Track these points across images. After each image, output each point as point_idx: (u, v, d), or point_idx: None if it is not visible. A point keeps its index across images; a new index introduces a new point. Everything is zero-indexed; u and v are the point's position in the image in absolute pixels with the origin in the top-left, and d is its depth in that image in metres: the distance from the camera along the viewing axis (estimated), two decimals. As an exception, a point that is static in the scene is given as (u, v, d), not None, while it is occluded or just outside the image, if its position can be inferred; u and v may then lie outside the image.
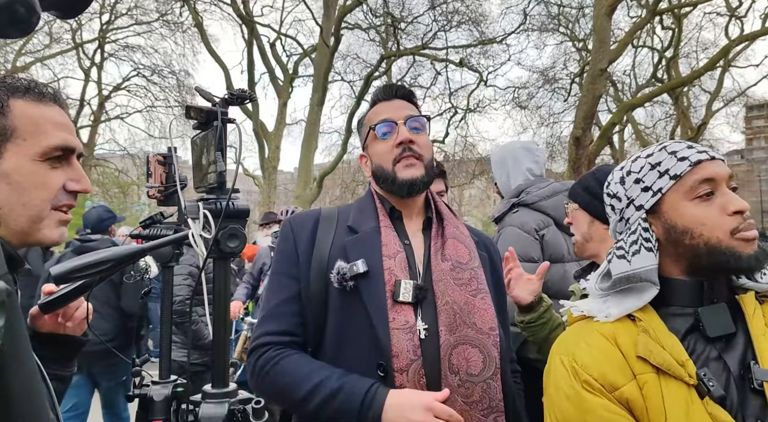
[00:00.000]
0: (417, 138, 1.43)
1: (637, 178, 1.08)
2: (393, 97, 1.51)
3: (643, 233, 1.05)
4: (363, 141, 1.53)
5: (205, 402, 1.02)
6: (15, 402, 0.51)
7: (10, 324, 0.47)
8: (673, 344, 0.98)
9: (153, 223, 1.67)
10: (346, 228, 1.41)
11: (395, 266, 1.33)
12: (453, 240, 1.42)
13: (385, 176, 1.42)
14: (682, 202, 1.02)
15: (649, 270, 1.02)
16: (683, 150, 1.05)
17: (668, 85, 16.63)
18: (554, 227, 2.38)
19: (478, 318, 1.31)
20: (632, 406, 0.96)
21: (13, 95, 0.88)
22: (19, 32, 0.45)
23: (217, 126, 1.03)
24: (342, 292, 1.31)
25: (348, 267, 1.31)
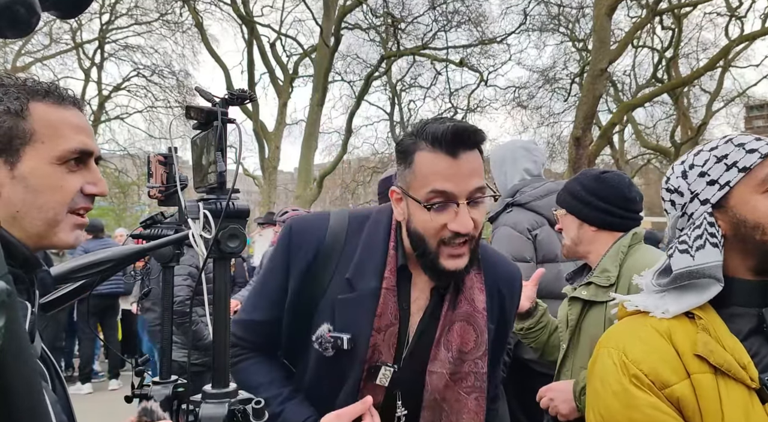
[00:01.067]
0: (476, 217, 1.16)
1: (701, 171, 1.03)
2: (462, 148, 1.14)
3: (709, 228, 1.00)
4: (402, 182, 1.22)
5: (205, 402, 1.02)
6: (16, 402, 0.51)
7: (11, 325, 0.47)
8: (734, 345, 0.94)
9: (154, 223, 1.67)
10: (344, 279, 1.23)
11: (382, 343, 1.21)
12: (462, 325, 1.24)
13: (424, 252, 1.19)
14: (753, 196, 0.97)
15: (714, 266, 0.97)
16: (752, 142, 1.00)
17: (668, 85, 16.64)
18: (548, 227, 2.38)
19: (467, 420, 1.23)
20: (682, 405, 0.93)
21: (33, 98, 0.89)
22: (19, 32, 0.45)
23: (217, 126, 1.03)
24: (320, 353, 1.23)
25: (332, 341, 1.20)
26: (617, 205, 1.77)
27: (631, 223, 1.78)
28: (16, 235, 0.85)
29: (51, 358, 0.92)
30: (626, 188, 1.78)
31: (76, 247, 0.97)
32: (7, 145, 0.85)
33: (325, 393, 1.24)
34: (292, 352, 1.32)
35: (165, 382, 1.57)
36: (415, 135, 1.20)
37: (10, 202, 0.85)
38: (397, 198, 1.25)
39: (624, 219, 1.77)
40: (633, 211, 1.79)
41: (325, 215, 1.34)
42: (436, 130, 1.15)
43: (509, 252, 2.35)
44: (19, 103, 0.87)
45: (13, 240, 0.84)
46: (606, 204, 1.76)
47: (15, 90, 0.88)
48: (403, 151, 1.22)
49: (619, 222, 1.77)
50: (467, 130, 1.15)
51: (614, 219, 1.77)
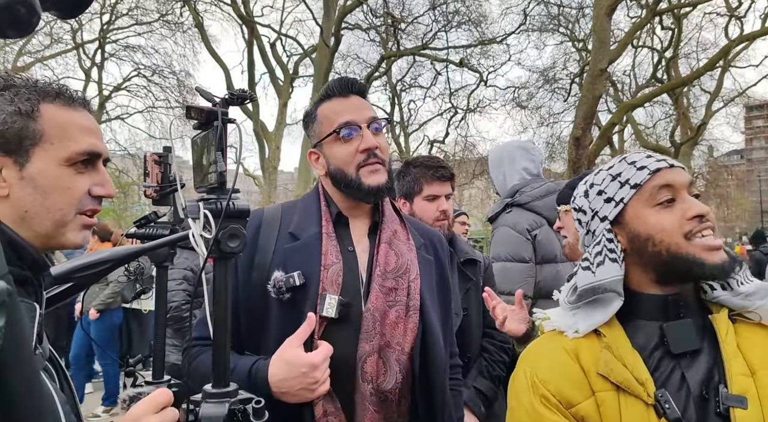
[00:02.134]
0: (379, 141, 1.39)
1: (599, 189, 1.10)
2: (349, 92, 1.44)
3: (608, 244, 1.06)
4: (315, 137, 1.46)
5: (205, 402, 1.02)
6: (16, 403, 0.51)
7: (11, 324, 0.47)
8: (635, 362, 0.97)
9: (147, 222, 1.67)
10: (287, 234, 1.38)
11: (327, 278, 1.32)
12: (385, 246, 1.40)
13: (348, 181, 1.38)
14: (643, 210, 1.03)
15: (614, 281, 1.02)
16: (642, 160, 1.07)
17: (668, 85, 16.64)
18: (547, 227, 2.38)
19: (388, 331, 1.32)
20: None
21: (43, 99, 0.89)
22: (20, 32, 0.45)
23: (218, 126, 1.03)
24: (279, 302, 1.31)
25: (285, 278, 1.30)
26: None
27: None
28: (25, 236, 0.86)
29: (58, 359, 0.92)
30: None
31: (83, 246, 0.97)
32: (17, 146, 0.86)
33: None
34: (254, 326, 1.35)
35: (158, 382, 1.57)
36: (314, 103, 1.48)
37: (19, 203, 0.86)
38: (314, 158, 1.47)
39: None
40: None
41: (260, 208, 1.51)
42: (327, 85, 1.46)
43: (508, 252, 2.35)
44: (30, 104, 0.87)
45: (21, 242, 0.84)
46: None
47: (26, 91, 0.88)
48: (307, 115, 1.49)
49: None
50: (350, 78, 1.47)
51: None
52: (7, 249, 0.82)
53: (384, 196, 1.42)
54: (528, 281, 2.32)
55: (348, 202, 1.43)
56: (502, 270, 2.34)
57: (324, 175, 1.44)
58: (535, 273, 2.35)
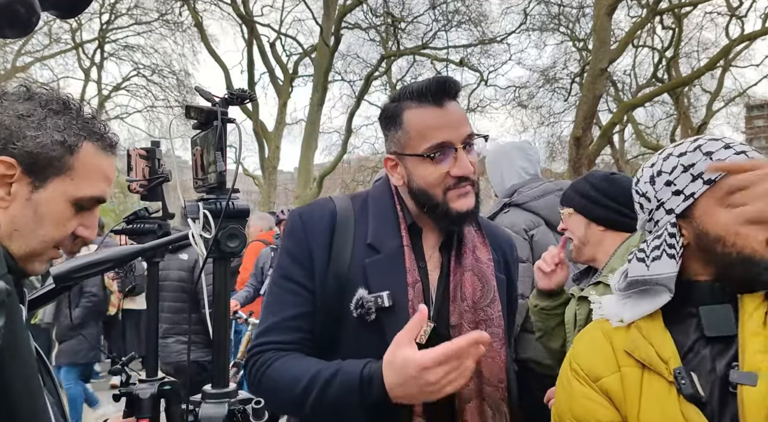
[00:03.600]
0: (473, 161, 1.23)
1: (668, 179, 1.02)
2: (445, 98, 1.23)
3: (668, 239, 1.00)
4: (396, 145, 1.27)
5: (205, 402, 1.02)
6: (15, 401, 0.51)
7: (11, 325, 0.47)
8: (663, 341, 0.99)
9: (137, 219, 1.66)
10: (365, 245, 1.24)
11: (415, 299, 1.20)
12: (470, 275, 1.26)
13: (432, 204, 1.22)
14: (716, 208, 0.96)
15: (667, 278, 0.99)
16: (719, 151, 0.99)
17: (669, 85, 16.64)
18: (544, 227, 2.39)
19: (486, 369, 1.22)
20: (612, 396, 1.02)
21: (89, 138, 0.91)
22: (19, 32, 0.45)
23: (217, 126, 1.03)
24: (360, 322, 1.19)
25: (372, 299, 1.18)
26: (627, 204, 1.76)
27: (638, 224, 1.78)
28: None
29: (44, 357, 0.93)
30: None
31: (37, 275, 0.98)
32: (42, 171, 0.87)
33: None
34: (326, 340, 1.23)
35: (151, 380, 1.55)
36: (398, 98, 1.27)
37: (14, 219, 0.86)
38: (392, 165, 1.29)
39: (632, 220, 1.75)
40: None
41: (327, 199, 1.35)
42: (420, 86, 1.23)
43: None
44: (76, 140, 0.89)
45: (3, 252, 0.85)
46: (616, 203, 1.75)
47: (77, 125, 0.90)
48: (389, 116, 1.27)
49: (627, 223, 1.76)
50: (448, 81, 1.24)
51: (623, 219, 1.76)
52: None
53: (473, 220, 1.28)
54: (525, 281, 2.33)
55: (424, 214, 1.27)
56: None
57: (403, 186, 1.27)
58: (532, 272, 2.35)
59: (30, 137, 0.85)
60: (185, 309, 3.67)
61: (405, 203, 1.30)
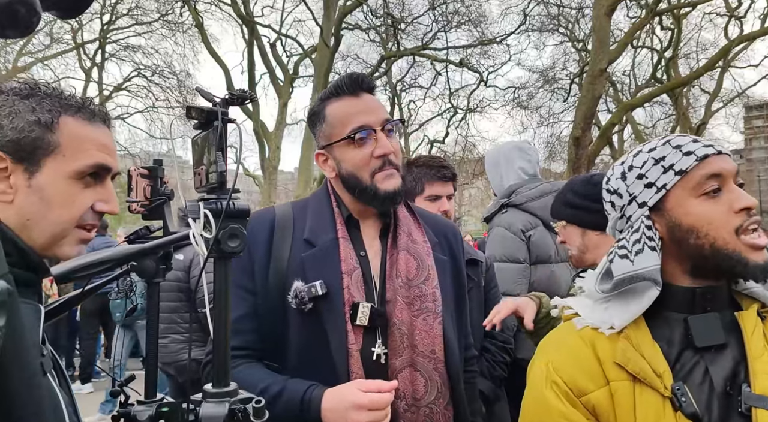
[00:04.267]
0: (393, 145, 1.34)
1: (639, 173, 1.02)
2: (360, 90, 1.35)
3: (647, 231, 1.00)
4: (323, 139, 1.38)
5: (205, 401, 1.02)
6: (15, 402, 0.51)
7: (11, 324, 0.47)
8: (654, 353, 0.95)
9: (138, 238, 1.62)
10: (302, 241, 1.33)
11: (352, 284, 1.28)
12: (404, 253, 1.35)
13: (361, 187, 1.32)
14: (687, 199, 0.97)
15: (653, 270, 0.98)
16: (688, 144, 1.00)
17: (668, 86, 16.63)
18: (542, 228, 2.39)
19: (420, 341, 1.29)
20: (598, 412, 0.96)
21: (65, 112, 0.90)
22: (20, 32, 0.45)
23: (218, 126, 1.03)
24: (300, 313, 1.27)
25: (306, 289, 1.26)
26: None
27: None
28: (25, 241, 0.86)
29: (58, 360, 0.93)
30: None
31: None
32: (30, 155, 0.87)
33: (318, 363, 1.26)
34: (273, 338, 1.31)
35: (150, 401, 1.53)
36: (320, 99, 1.40)
37: (22, 210, 0.86)
38: (322, 159, 1.40)
39: None
40: None
41: (269, 207, 1.48)
42: (336, 82, 1.37)
43: (503, 252, 2.36)
44: (50, 116, 0.88)
45: (23, 245, 0.85)
46: (601, 205, 1.75)
47: (48, 102, 0.89)
48: (314, 114, 1.40)
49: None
50: (360, 75, 1.38)
51: None
52: (11, 251, 0.83)
53: (400, 200, 1.38)
54: (522, 281, 2.33)
55: (359, 205, 1.38)
56: (496, 271, 2.35)
57: (334, 177, 1.39)
58: (530, 273, 2.36)
59: (6, 126, 0.85)
60: (180, 309, 3.67)
61: (342, 200, 1.39)
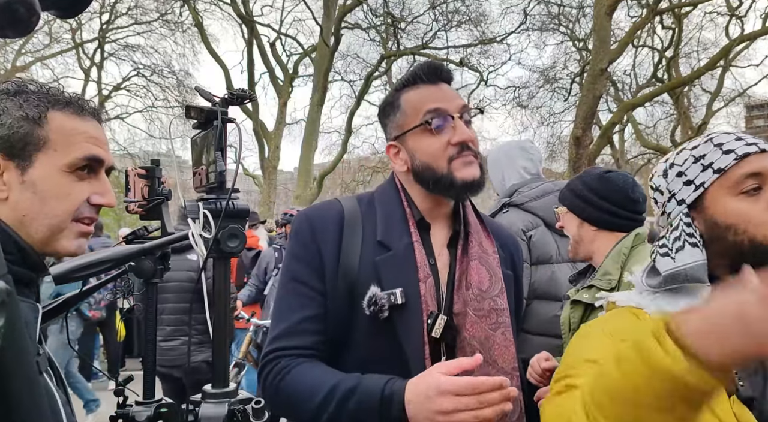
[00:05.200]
0: (472, 133, 1.26)
1: (679, 170, 1.03)
2: (438, 79, 1.29)
3: (686, 228, 1.00)
4: (396, 129, 1.31)
5: (205, 402, 1.02)
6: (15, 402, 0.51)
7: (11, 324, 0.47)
8: None
9: (136, 238, 1.62)
10: (375, 243, 1.23)
11: (427, 293, 1.19)
12: (476, 264, 1.26)
13: (437, 177, 1.23)
14: (725, 197, 0.97)
15: (696, 267, 0.97)
16: (730, 142, 1.00)
17: (669, 85, 16.63)
18: (543, 228, 2.38)
19: (500, 356, 1.21)
20: None
21: (53, 107, 0.90)
22: (19, 32, 0.45)
23: (217, 126, 1.03)
24: (373, 320, 1.17)
25: (385, 296, 1.16)
26: (619, 204, 1.75)
27: (633, 224, 1.75)
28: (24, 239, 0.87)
29: (54, 360, 0.93)
30: (630, 188, 1.76)
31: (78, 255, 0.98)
32: (21, 151, 0.87)
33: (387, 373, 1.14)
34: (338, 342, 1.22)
35: (149, 402, 1.53)
36: (395, 88, 1.33)
37: (17, 207, 0.87)
38: (394, 152, 1.31)
39: (625, 220, 1.75)
40: (635, 211, 1.77)
41: (334, 200, 1.35)
42: (413, 70, 1.30)
43: None
44: (38, 111, 0.88)
45: (22, 243, 0.86)
46: (608, 203, 1.74)
47: (36, 97, 0.89)
48: (388, 104, 1.33)
49: (620, 223, 1.75)
50: (438, 64, 1.31)
51: (615, 219, 1.75)
52: (12, 249, 0.83)
53: (479, 191, 1.28)
54: (523, 282, 2.33)
55: (430, 203, 1.28)
56: None
57: (405, 171, 1.29)
58: (530, 274, 2.35)
59: None
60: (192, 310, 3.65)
61: (412, 199, 1.30)
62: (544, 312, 2.23)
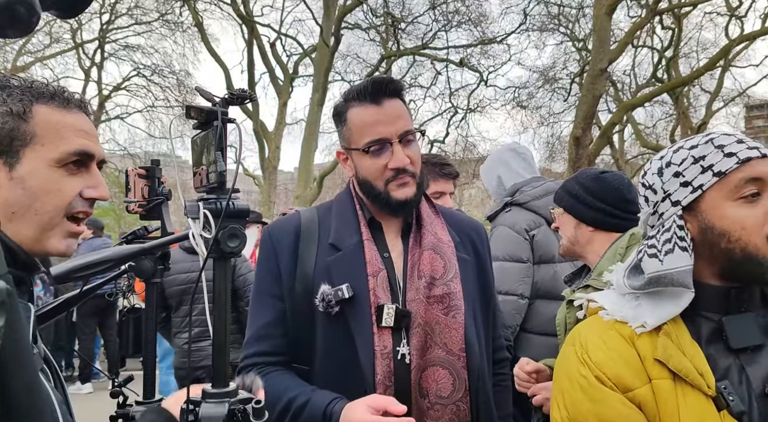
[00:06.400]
0: (411, 154, 1.34)
1: (677, 170, 0.99)
2: (383, 96, 1.34)
3: (678, 231, 0.97)
4: (344, 141, 1.41)
5: (205, 402, 1.02)
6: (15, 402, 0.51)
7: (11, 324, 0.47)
8: (694, 352, 0.93)
9: (136, 238, 1.62)
10: (328, 246, 1.36)
11: (378, 286, 1.30)
12: (429, 252, 1.36)
13: (375, 193, 1.35)
14: (723, 202, 0.95)
15: (683, 272, 0.95)
16: (732, 144, 0.96)
17: (668, 85, 16.63)
18: (545, 227, 2.38)
19: (449, 339, 1.30)
20: (644, 410, 0.93)
21: (37, 101, 0.88)
22: (19, 32, 0.45)
23: (217, 126, 1.03)
24: (327, 316, 1.29)
25: (333, 292, 1.28)
26: (615, 205, 1.75)
27: (628, 224, 1.76)
28: (12, 238, 0.85)
29: (52, 359, 0.92)
30: (625, 188, 1.77)
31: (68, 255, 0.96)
32: (7, 147, 0.85)
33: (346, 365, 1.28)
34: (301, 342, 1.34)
35: (149, 402, 1.53)
36: (344, 98, 1.40)
37: (7, 204, 0.85)
38: (343, 158, 1.44)
39: (622, 220, 1.76)
40: (631, 211, 1.77)
41: (294, 213, 1.49)
42: (359, 86, 1.37)
43: (506, 252, 2.36)
44: (22, 105, 0.86)
45: (10, 244, 0.84)
46: (604, 204, 1.75)
47: (19, 92, 0.87)
48: (337, 113, 1.41)
49: (616, 223, 1.76)
50: (384, 80, 1.36)
51: (612, 219, 1.75)
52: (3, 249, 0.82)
53: (413, 208, 1.39)
54: (525, 281, 2.32)
55: (373, 204, 1.40)
56: (499, 270, 2.34)
57: (353, 176, 1.43)
58: (533, 273, 2.35)
59: None
60: None
61: (363, 200, 1.41)
62: (546, 311, 2.23)
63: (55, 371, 0.92)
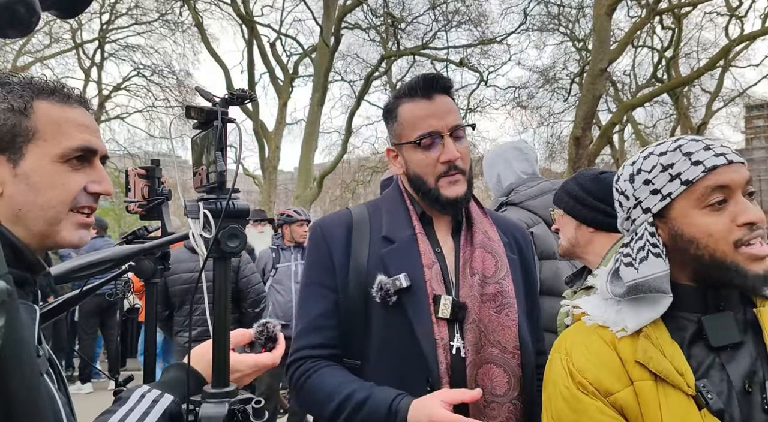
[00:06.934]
0: (461, 149, 1.35)
1: (647, 178, 1.01)
2: (434, 92, 1.36)
3: (650, 238, 0.99)
4: (394, 137, 1.42)
5: (205, 401, 1.02)
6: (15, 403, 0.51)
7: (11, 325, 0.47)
8: (674, 353, 0.95)
9: (136, 238, 1.62)
10: (380, 238, 1.36)
11: (433, 278, 1.30)
12: (481, 251, 1.35)
13: (425, 190, 1.35)
14: (691, 210, 0.96)
15: (659, 278, 0.97)
16: (699, 152, 0.98)
17: (668, 85, 16.62)
18: (543, 225, 2.38)
19: (503, 337, 1.29)
20: (626, 413, 0.95)
21: (38, 96, 0.88)
22: (19, 32, 0.45)
23: (217, 126, 1.03)
24: (384, 306, 1.28)
25: (390, 281, 1.27)
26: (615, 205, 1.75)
27: None
28: (19, 235, 0.85)
29: (56, 360, 0.92)
30: None
31: (81, 247, 0.96)
32: (10, 143, 0.85)
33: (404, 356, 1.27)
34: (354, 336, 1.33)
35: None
36: (395, 96, 1.42)
37: (12, 201, 0.85)
38: (393, 155, 1.44)
39: None
40: None
41: (345, 209, 1.49)
42: (411, 82, 1.39)
43: None
44: (23, 101, 0.86)
45: (18, 244, 0.84)
46: (604, 204, 1.75)
47: (20, 88, 0.87)
48: (388, 110, 1.43)
49: (616, 224, 1.76)
50: (435, 76, 1.39)
51: (612, 220, 1.74)
52: (6, 250, 0.82)
53: (463, 206, 1.39)
54: None
55: (424, 201, 1.40)
56: None
57: (403, 173, 1.42)
58: (538, 268, 2.35)
59: None
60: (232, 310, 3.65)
61: (413, 196, 1.41)
62: (550, 307, 2.23)
63: (58, 372, 0.92)
